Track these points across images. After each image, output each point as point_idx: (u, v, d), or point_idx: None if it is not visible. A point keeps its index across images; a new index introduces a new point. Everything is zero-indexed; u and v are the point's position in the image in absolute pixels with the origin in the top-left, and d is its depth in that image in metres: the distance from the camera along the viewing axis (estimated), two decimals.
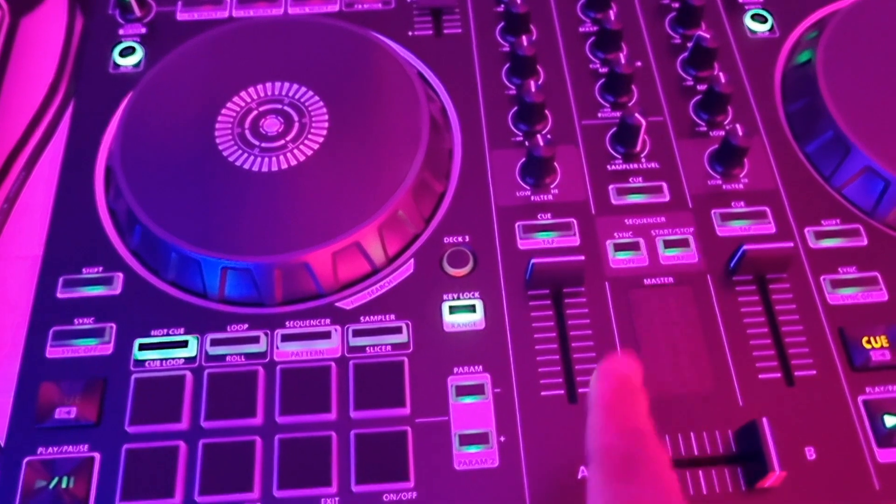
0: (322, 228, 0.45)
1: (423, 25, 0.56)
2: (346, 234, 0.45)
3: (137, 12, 0.57)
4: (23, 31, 0.61)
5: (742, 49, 0.55)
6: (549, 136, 0.49)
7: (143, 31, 0.57)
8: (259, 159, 0.48)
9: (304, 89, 0.51)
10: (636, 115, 0.49)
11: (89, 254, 0.47)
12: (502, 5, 0.57)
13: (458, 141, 0.51)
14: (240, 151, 0.49)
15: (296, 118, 0.50)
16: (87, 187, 0.50)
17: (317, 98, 0.51)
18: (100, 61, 0.55)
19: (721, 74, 0.51)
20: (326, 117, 0.50)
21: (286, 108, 0.50)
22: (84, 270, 0.46)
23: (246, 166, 0.48)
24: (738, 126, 0.49)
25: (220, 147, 0.49)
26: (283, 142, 0.49)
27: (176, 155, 0.49)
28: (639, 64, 0.55)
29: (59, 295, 0.46)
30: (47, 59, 0.59)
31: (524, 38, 0.53)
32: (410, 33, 0.56)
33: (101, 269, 0.47)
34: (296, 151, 0.49)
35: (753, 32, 0.56)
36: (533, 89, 0.50)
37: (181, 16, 0.57)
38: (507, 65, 0.54)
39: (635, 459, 0.32)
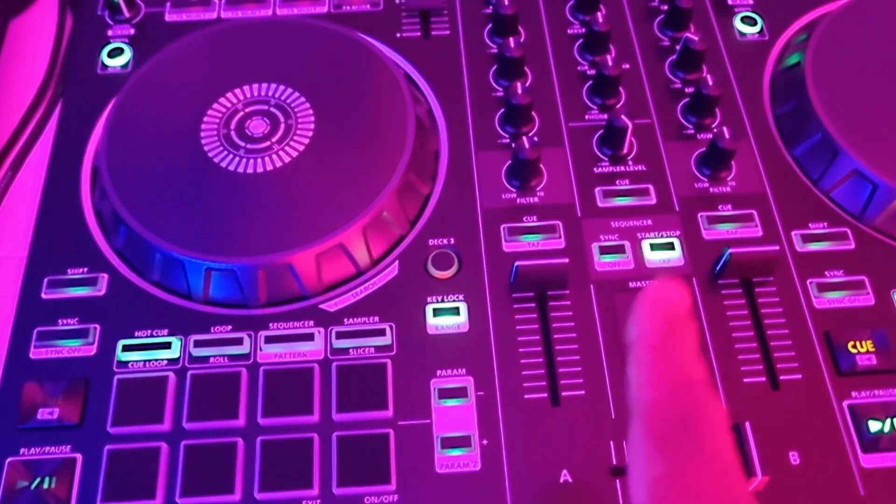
0: (306, 230, 0.45)
1: (410, 27, 0.56)
2: (330, 236, 0.45)
3: (126, 13, 0.57)
4: (12, 32, 0.61)
5: (731, 51, 0.55)
6: (535, 139, 0.49)
7: (132, 31, 0.57)
8: (244, 160, 0.48)
9: (290, 90, 0.51)
10: (623, 117, 0.49)
11: (74, 254, 0.47)
12: (490, 7, 0.56)
13: (444, 143, 0.51)
14: (225, 153, 0.48)
15: (282, 119, 0.50)
16: (73, 188, 0.50)
17: (303, 99, 0.51)
18: (88, 62, 0.55)
19: (709, 77, 0.51)
20: (312, 119, 0.50)
21: (272, 109, 0.50)
22: (69, 271, 0.46)
23: (231, 168, 0.48)
24: (725, 129, 0.48)
25: (206, 148, 0.49)
26: (268, 143, 0.49)
27: (162, 156, 0.48)
28: (627, 66, 0.54)
29: (43, 295, 0.46)
30: (37, 60, 0.59)
31: (512, 39, 0.52)
32: (398, 35, 0.56)
33: (85, 269, 0.47)
34: (281, 153, 0.48)
35: (743, 35, 0.56)
36: (520, 91, 0.50)
37: (170, 17, 0.57)
38: (495, 66, 0.54)
39: (691, 422, 0.26)
